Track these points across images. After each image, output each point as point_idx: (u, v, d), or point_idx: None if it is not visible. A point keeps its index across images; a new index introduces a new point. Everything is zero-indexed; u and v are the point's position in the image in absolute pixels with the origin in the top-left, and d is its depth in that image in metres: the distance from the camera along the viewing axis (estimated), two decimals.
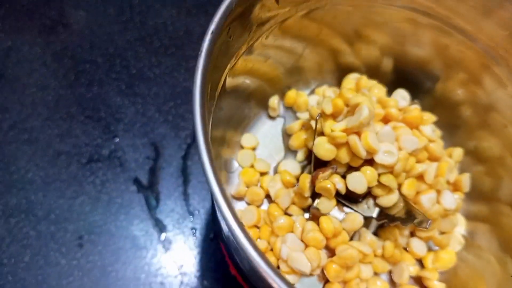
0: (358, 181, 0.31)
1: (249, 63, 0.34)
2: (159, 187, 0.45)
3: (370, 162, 0.32)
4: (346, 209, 0.34)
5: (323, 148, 0.31)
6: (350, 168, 0.32)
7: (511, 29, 0.33)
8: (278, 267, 0.32)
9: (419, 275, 0.36)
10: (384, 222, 0.33)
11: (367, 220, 0.34)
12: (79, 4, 0.55)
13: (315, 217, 0.33)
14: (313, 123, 0.34)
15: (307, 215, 0.35)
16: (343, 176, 0.32)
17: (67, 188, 0.44)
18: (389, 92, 0.39)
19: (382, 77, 0.40)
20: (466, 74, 0.37)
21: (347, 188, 0.32)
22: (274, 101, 0.39)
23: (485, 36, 0.35)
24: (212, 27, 0.25)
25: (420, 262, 0.36)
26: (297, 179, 0.35)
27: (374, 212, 0.33)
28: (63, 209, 0.43)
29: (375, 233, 0.35)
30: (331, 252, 0.33)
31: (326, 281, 0.33)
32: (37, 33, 0.53)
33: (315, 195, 0.33)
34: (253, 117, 0.39)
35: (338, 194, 0.33)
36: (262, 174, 0.37)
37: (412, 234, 0.36)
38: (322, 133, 0.33)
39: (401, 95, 0.38)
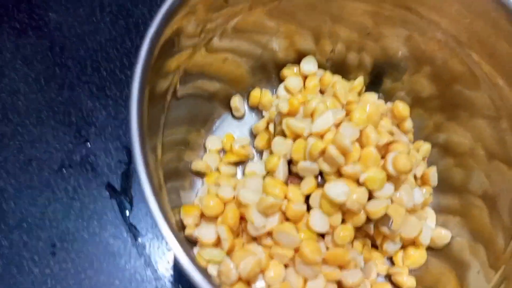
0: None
1: (205, 64, 0.34)
2: (132, 192, 0.44)
3: None
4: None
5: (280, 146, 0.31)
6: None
7: (472, 16, 0.32)
8: None
9: (389, 273, 0.35)
10: None
11: None
12: (49, 6, 0.54)
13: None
14: (271, 126, 0.34)
15: None
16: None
17: (39, 196, 0.44)
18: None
19: (347, 71, 0.40)
20: (431, 66, 0.36)
21: None
22: (235, 101, 0.38)
23: (448, 22, 0.34)
24: (152, 30, 0.24)
25: (391, 261, 0.36)
26: None
27: None
28: (35, 217, 0.43)
29: None
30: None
31: None
32: (6, 37, 0.52)
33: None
34: (218, 118, 0.38)
35: None
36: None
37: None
38: (283, 134, 0.33)
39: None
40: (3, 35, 0.52)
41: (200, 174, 0.37)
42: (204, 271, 0.23)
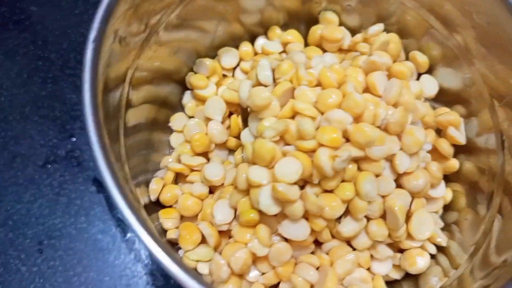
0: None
1: (155, 60, 0.33)
2: None
3: None
4: None
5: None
6: None
7: None
8: None
9: None
10: None
11: None
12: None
13: None
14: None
15: None
16: None
17: (24, 192, 0.43)
18: None
19: None
20: None
21: None
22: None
23: None
24: (93, 34, 0.22)
25: None
26: None
27: None
28: (20, 214, 0.42)
29: None
30: None
31: None
32: None
33: None
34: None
35: None
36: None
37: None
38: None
39: None
40: None
41: None
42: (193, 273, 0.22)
